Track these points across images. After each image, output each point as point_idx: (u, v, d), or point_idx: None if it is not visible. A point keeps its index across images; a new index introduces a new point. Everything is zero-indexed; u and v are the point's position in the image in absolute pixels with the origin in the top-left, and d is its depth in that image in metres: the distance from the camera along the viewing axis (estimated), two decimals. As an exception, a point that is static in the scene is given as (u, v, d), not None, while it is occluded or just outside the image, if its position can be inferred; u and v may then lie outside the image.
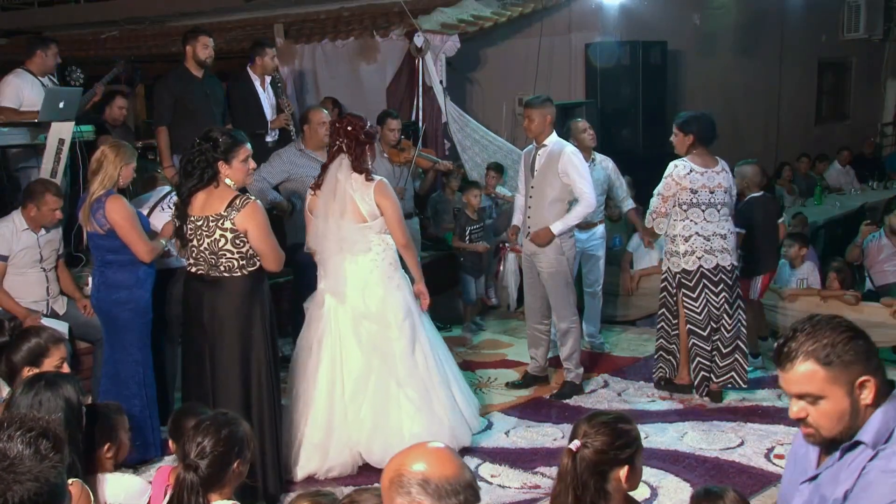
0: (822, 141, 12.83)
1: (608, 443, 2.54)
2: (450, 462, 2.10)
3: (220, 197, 4.25)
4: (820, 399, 2.09)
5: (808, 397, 2.10)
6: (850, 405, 2.08)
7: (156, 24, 11.41)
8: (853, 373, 2.07)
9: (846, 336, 2.08)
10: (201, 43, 6.53)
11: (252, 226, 4.23)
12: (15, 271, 5.27)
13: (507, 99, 9.57)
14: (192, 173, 4.26)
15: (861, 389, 2.08)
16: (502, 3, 9.15)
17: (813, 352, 2.08)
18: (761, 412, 5.43)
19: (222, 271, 4.28)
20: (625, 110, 9.32)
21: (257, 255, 4.31)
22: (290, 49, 9.07)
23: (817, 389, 2.08)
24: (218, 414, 2.99)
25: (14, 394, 2.97)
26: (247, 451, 2.89)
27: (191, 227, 4.30)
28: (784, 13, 11.45)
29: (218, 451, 2.78)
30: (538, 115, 5.72)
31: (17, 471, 1.72)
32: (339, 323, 4.72)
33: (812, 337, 2.09)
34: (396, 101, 8.28)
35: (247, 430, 2.94)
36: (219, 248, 4.24)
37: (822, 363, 2.07)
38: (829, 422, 2.10)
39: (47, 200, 5.17)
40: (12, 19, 12.74)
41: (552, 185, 5.72)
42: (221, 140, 4.26)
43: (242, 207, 4.22)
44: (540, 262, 5.79)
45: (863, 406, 2.08)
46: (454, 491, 2.04)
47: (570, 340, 5.86)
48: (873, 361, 2.10)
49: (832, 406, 2.08)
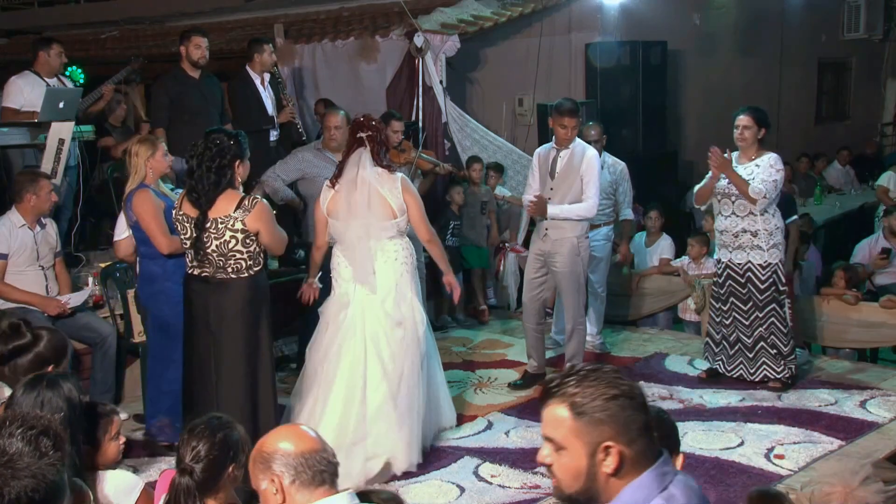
0: (822, 141, 12.81)
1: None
2: (310, 440, 2.36)
3: (226, 197, 4.22)
4: (562, 449, 1.90)
5: (553, 444, 1.92)
6: (587, 467, 1.88)
7: (156, 24, 11.40)
8: (600, 434, 1.86)
9: (612, 394, 1.88)
10: (193, 43, 6.52)
11: (262, 225, 4.25)
12: (13, 270, 5.28)
13: (507, 99, 9.57)
14: (215, 178, 4.19)
15: (604, 455, 1.86)
16: (502, 3, 9.14)
17: (571, 397, 1.89)
18: (761, 412, 5.43)
19: (229, 273, 4.28)
20: (625, 110, 9.32)
21: (262, 253, 4.35)
22: (289, 49, 9.06)
23: (561, 438, 1.90)
24: (212, 418, 2.99)
25: (15, 394, 2.96)
26: (242, 455, 2.88)
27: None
28: (784, 13, 11.45)
29: (213, 456, 2.78)
30: (576, 123, 5.74)
31: (15, 467, 1.73)
32: (365, 327, 4.59)
33: (581, 384, 1.90)
34: (396, 101, 8.27)
35: (242, 434, 2.94)
36: (228, 250, 4.23)
37: (574, 412, 1.88)
38: (567, 477, 1.91)
39: (43, 185, 5.26)
40: (12, 19, 12.74)
41: (574, 187, 5.73)
42: (238, 139, 4.29)
43: (252, 208, 4.22)
44: (556, 262, 5.80)
45: (602, 473, 1.87)
46: (311, 466, 2.30)
47: (575, 340, 5.90)
48: (632, 431, 1.88)
49: (570, 461, 1.89)
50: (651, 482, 1.89)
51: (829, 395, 5.67)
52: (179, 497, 2.73)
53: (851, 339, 6.73)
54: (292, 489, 2.32)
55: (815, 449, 4.85)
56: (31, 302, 5.25)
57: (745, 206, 5.58)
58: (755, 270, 5.61)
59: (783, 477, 4.54)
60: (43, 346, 3.59)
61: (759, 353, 5.70)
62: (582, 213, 5.75)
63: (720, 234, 5.76)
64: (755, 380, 5.73)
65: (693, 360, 6.48)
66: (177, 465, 2.82)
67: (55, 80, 6.49)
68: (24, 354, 3.55)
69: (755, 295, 5.64)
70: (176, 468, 2.83)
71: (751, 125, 5.60)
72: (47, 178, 5.39)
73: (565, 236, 5.77)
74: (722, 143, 5.81)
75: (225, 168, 4.21)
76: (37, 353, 3.57)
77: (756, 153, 5.63)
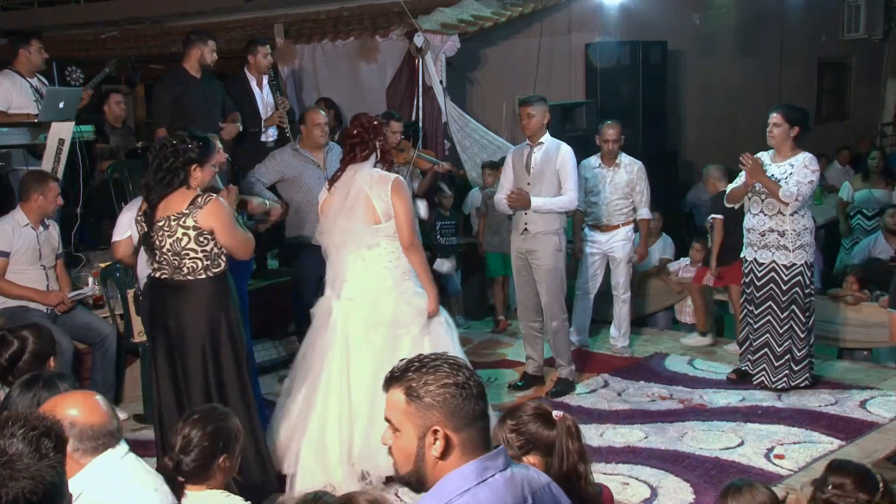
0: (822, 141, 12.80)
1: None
2: (99, 412, 2.50)
3: (181, 195, 4.12)
4: (398, 431, 2.00)
5: (391, 426, 2.01)
6: (416, 450, 1.96)
7: (156, 24, 11.40)
8: (430, 418, 1.95)
9: (446, 382, 1.96)
10: (210, 47, 6.50)
11: (217, 223, 4.12)
12: (15, 269, 5.29)
13: (507, 99, 9.55)
14: (165, 176, 4.10)
15: (433, 438, 1.95)
16: (502, 3, 9.13)
17: (408, 382, 1.98)
18: (761, 412, 5.43)
19: (185, 274, 4.16)
20: (625, 110, 9.29)
21: (222, 255, 4.21)
22: (289, 49, 9.06)
23: (396, 420, 1.99)
24: (209, 408, 3.01)
25: (11, 395, 2.95)
26: (235, 445, 2.90)
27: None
28: (784, 13, 11.44)
29: (203, 445, 2.81)
30: (539, 112, 5.74)
31: (14, 468, 1.72)
32: (347, 332, 4.55)
33: (419, 370, 1.99)
34: (396, 101, 8.27)
35: (236, 425, 2.95)
36: (181, 248, 4.11)
37: (408, 396, 1.97)
38: (401, 458, 2.01)
39: (51, 187, 5.27)
40: (12, 19, 12.72)
41: (551, 183, 5.74)
42: (198, 143, 4.17)
43: (205, 204, 4.10)
44: (538, 259, 5.79)
45: (430, 456, 1.95)
46: (95, 436, 2.46)
47: (561, 338, 5.88)
48: (461, 419, 1.96)
49: (403, 443, 1.99)
50: (470, 472, 1.94)
51: (829, 395, 5.67)
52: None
53: (851, 338, 6.73)
54: (75, 456, 2.44)
55: (815, 449, 4.85)
56: (30, 297, 5.26)
57: (773, 206, 5.54)
58: (779, 270, 5.57)
59: (783, 477, 4.54)
60: (34, 343, 3.59)
61: (782, 357, 5.63)
62: (564, 205, 5.78)
63: (747, 233, 5.74)
64: (777, 387, 5.67)
65: (693, 360, 6.49)
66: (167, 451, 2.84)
67: (35, 78, 6.41)
68: (21, 358, 3.55)
69: (777, 295, 5.59)
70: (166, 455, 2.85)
71: (780, 123, 5.55)
72: (56, 180, 5.38)
73: (547, 229, 5.77)
74: (722, 143, 5.83)
75: (178, 170, 4.10)
76: (32, 352, 3.57)
77: (791, 152, 5.58)
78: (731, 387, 5.84)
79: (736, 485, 3.01)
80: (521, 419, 2.67)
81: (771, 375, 5.68)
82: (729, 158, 6.28)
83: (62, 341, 5.13)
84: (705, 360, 6.48)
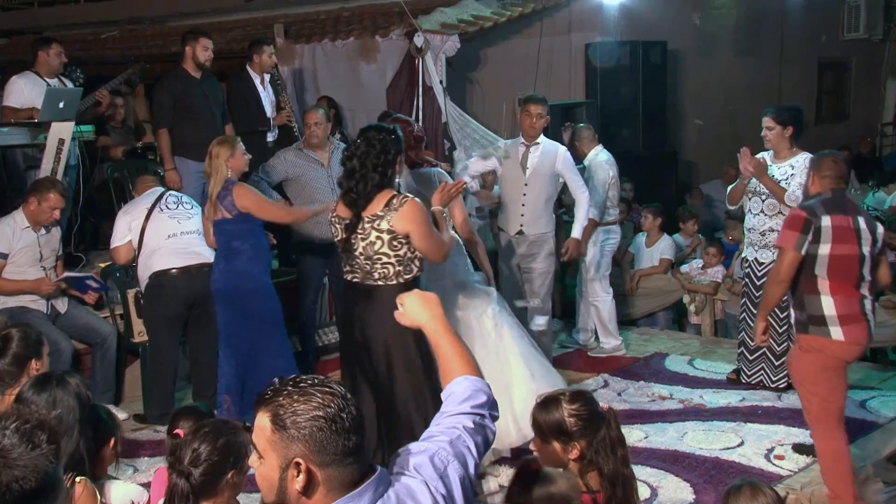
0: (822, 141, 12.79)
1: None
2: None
3: (378, 196, 3.87)
4: (262, 458, 1.87)
5: (256, 451, 1.88)
6: (278, 482, 1.83)
7: (156, 24, 11.39)
8: (293, 450, 1.81)
9: (315, 415, 1.81)
10: (201, 45, 6.51)
11: (413, 226, 3.85)
12: (15, 270, 5.29)
13: (507, 99, 9.56)
14: (381, 176, 3.84)
15: (295, 472, 1.81)
16: (502, 3, 9.14)
17: (276, 408, 1.83)
18: (761, 412, 5.43)
19: (377, 279, 3.91)
20: (625, 110, 9.32)
21: (416, 259, 3.94)
22: (290, 49, 9.06)
23: (261, 447, 1.86)
24: (218, 421, 2.96)
25: (24, 394, 2.95)
26: (244, 461, 2.84)
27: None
28: (784, 13, 11.44)
29: (213, 460, 2.73)
30: (545, 111, 5.76)
31: (7, 457, 1.75)
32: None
33: (291, 397, 1.84)
34: (396, 101, 8.27)
35: (247, 440, 2.91)
36: (374, 252, 3.86)
37: (273, 424, 1.83)
38: (264, 487, 1.88)
39: (49, 198, 5.23)
40: (12, 19, 12.73)
41: (549, 184, 5.75)
42: (396, 133, 3.94)
43: (401, 206, 3.83)
44: (535, 262, 5.79)
45: (293, 490, 1.82)
46: None
47: (546, 340, 5.86)
48: (328, 454, 1.81)
49: (265, 471, 1.86)
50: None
51: (829, 395, 5.67)
52: (174, 499, 2.71)
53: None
54: None
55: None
56: (24, 289, 5.26)
57: (774, 206, 5.53)
58: None
59: (783, 477, 4.54)
60: (16, 345, 3.47)
61: (782, 356, 5.57)
62: (592, 210, 5.91)
63: (748, 232, 5.74)
64: (779, 386, 5.65)
65: (693, 360, 6.49)
66: (176, 465, 2.80)
67: (56, 80, 6.50)
68: (1, 359, 3.47)
69: None
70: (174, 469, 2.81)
71: (773, 125, 5.52)
72: (62, 194, 5.32)
73: (544, 232, 5.78)
74: (722, 143, 5.83)
75: (389, 165, 3.89)
76: (13, 354, 3.46)
77: (790, 152, 5.55)
78: (731, 387, 5.84)
79: (739, 486, 2.99)
80: (580, 406, 2.85)
81: (771, 375, 5.69)
82: (729, 158, 6.28)
83: (60, 342, 5.13)
84: (705, 360, 6.48)
